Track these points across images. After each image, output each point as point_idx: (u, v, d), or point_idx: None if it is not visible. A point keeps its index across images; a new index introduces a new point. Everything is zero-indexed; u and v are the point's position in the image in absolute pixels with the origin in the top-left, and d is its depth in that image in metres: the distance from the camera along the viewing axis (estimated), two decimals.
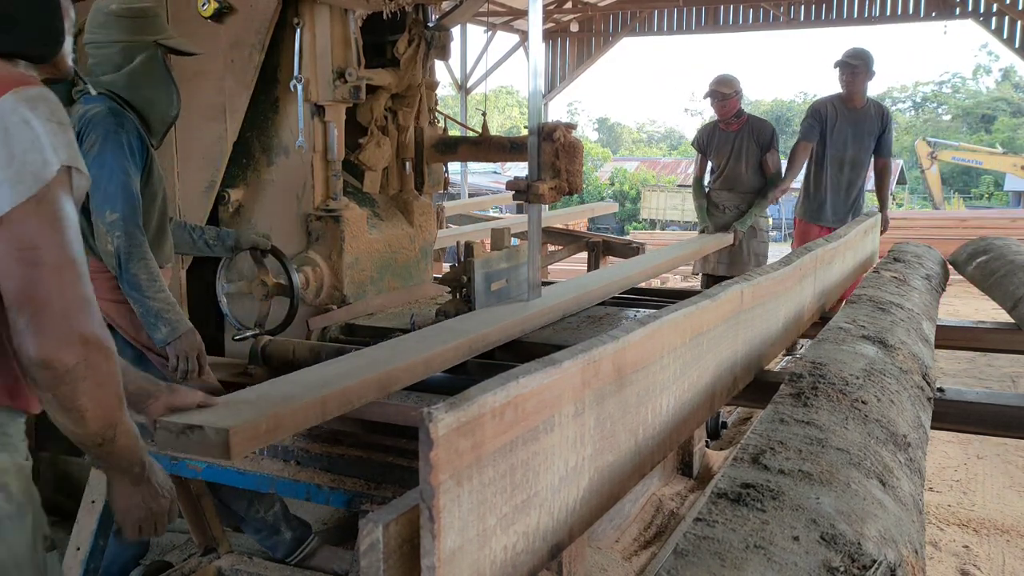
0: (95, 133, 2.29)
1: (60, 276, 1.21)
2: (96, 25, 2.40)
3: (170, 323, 2.26)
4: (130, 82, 2.39)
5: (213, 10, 2.99)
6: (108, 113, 2.32)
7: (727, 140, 5.31)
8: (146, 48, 2.40)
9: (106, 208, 2.26)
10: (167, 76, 2.46)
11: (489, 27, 14.02)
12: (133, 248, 2.25)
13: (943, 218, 15.10)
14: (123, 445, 1.32)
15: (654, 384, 1.44)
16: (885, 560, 1.01)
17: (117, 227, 2.25)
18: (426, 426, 0.88)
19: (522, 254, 3.08)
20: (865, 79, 5.07)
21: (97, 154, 2.27)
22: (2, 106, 1.21)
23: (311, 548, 2.61)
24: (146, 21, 2.41)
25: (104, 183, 2.26)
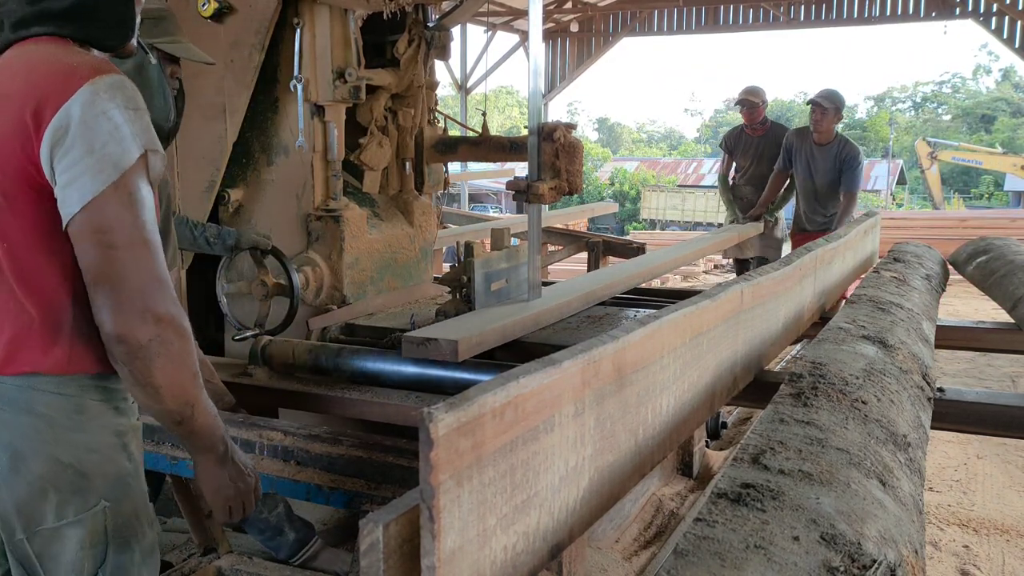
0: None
1: (134, 256, 1.27)
2: None
3: None
4: None
5: (213, 10, 2.99)
6: None
7: (752, 143, 5.94)
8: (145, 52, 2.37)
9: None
10: (161, 82, 2.40)
11: (489, 27, 14.02)
12: None
13: (943, 218, 15.10)
14: (202, 424, 1.37)
15: (654, 384, 1.44)
16: (885, 560, 1.01)
17: None
18: (426, 426, 0.88)
19: (522, 254, 3.08)
20: (832, 120, 5.42)
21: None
22: (81, 98, 1.25)
23: (314, 550, 2.61)
24: (146, 24, 2.33)
25: None
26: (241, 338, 2.85)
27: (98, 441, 1.36)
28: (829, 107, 5.37)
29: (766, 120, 5.97)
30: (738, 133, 6.09)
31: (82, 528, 1.34)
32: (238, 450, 1.49)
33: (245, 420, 2.23)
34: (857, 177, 5.46)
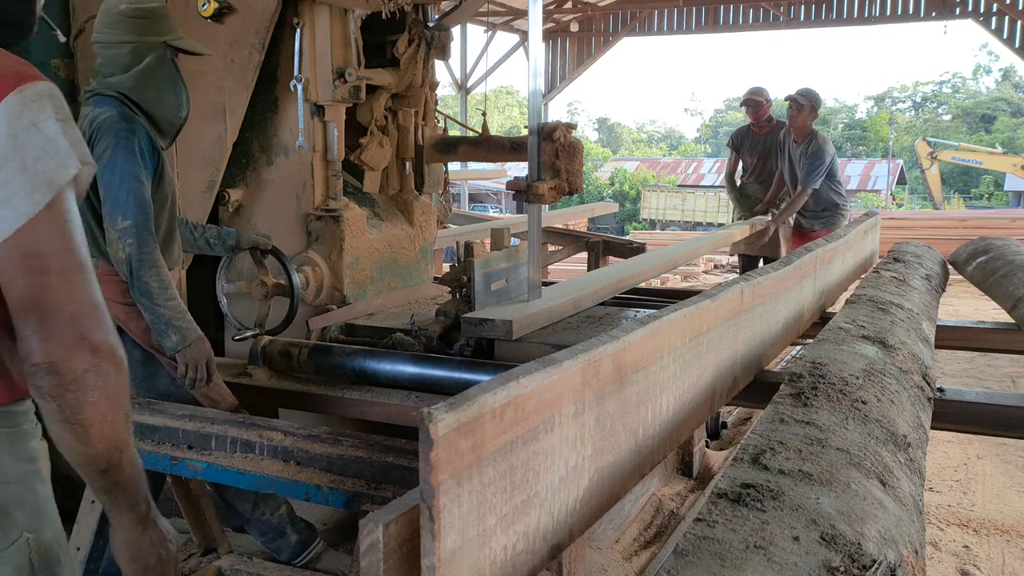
0: (106, 139, 2.26)
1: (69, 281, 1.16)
2: (104, 25, 2.37)
3: (180, 331, 2.25)
4: (138, 83, 2.36)
5: (213, 10, 2.99)
6: (119, 118, 2.29)
7: (759, 141, 6.12)
8: (155, 48, 2.37)
9: (117, 215, 2.24)
10: (176, 77, 2.43)
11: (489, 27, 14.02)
12: (144, 255, 2.24)
13: (943, 218, 15.10)
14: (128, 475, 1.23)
15: (654, 384, 1.44)
16: (885, 560, 1.01)
17: (129, 234, 2.23)
18: (426, 426, 0.88)
19: (522, 254, 3.08)
20: (807, 117, 5.53)
21: (109, 160, 2.25)
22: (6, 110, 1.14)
23: (316, 552, 2.61)
24: (155, 21, 2.38)
25: (115, 190, 2.24)
26: (241, 338, 2.85)
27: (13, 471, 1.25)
28: (805, 104, 5.51)
29: (771, 118, 6.12)
30: (745, 131, 6.29)
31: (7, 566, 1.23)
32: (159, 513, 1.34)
33: (245, 420, 2.23)
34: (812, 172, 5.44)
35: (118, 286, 2.36)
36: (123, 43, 2.35)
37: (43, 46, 3.59)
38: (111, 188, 2.25)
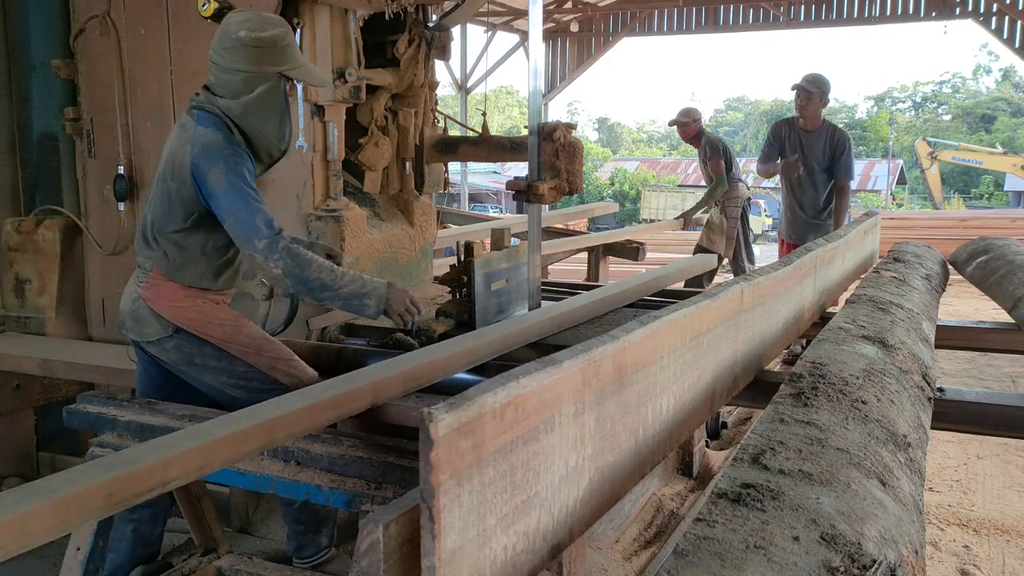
0: (218, 166, 2.25)
1: None
2: (222, 47, 2.34)
3: (371, 294, 2.27)
4: (246, 111, 2.34)
5: (213, 10, 2.99)
6: (225, 142, 2.29)
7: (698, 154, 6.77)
8: (268, 79, 2.35)
9: (253, 238, 2.24)
10: (284, 109, 2.41)
11: (489, 27, 14.02)
12: (297, 258, 2.24)
13: (943, 218, 15.10)
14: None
15: (654, 384, 1.44)
16: (885, 560, 1.01)
17: (272, 249, 2.23)
18: (426, 426, 0.88)
19: (522, 254, 3.08)
20: (819, 104, 5.33)
21: (227, 188, 2.25)
22: None
23: (329, 556, 2.62)
24: (274, 51, 2.34)
25: (243, 215, 2.24)
26: None
27: None
28: (814, 91, 5.28)
29: (699, 133, 6.74)
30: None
31: None
32: None
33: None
34: (850, 164, 5.33)
35: (171, 289, 2.37)
36: (237, 71, 2.33)
37: (43, 46, 3.59)
38: (238, 214, 2.25)
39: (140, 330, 2.42)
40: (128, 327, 2.46)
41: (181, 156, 2.31)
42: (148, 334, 2.41)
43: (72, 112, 3.55)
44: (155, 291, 2.38)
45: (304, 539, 2.57)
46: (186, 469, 1.51)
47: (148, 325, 2.40)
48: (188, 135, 2.32)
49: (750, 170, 30.37)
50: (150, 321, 2.39)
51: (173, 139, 2.40)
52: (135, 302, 2.42)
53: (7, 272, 3.66)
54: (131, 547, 2.46)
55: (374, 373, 2.04)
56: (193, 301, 2.39)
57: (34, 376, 3.42)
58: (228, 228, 2.28)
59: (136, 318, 2.42)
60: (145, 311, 2.40)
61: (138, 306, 2.41)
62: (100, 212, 3.58)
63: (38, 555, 3.09)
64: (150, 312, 2.39)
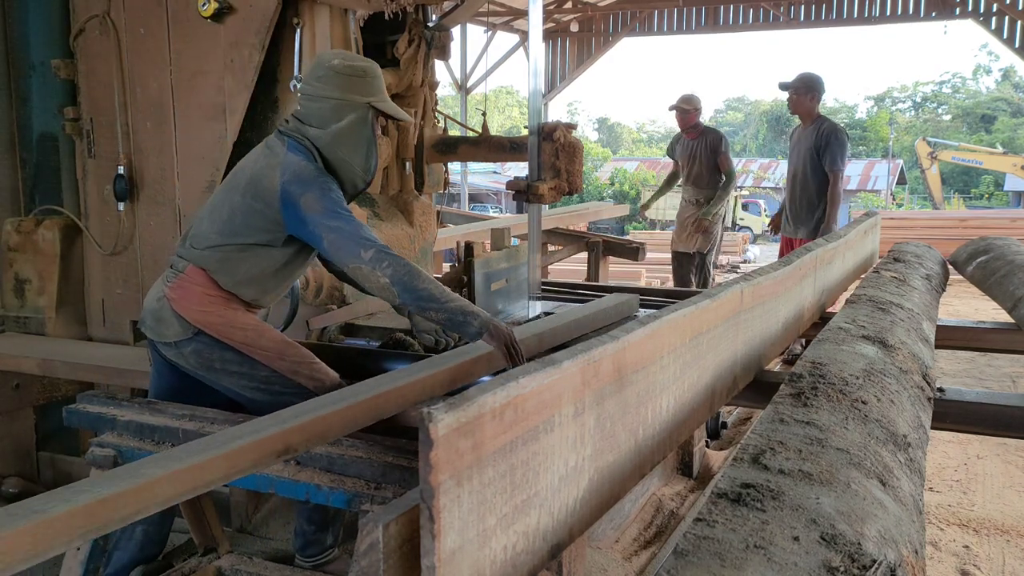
0: (312, 191, 2.27)
1: None
2: (314, 77, 2.37)
3: (477, 315, 2.23)
4: (334, 141, 2.36)
5: (213, 10, 3.00)
6: (316, 171, 2.31)
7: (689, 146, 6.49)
8: (357, 109, 2.36)
9: (358, 251, 2.23)
10: (372, 141, 2.42)
11: (489, 27, 14.03)
12: (406, 269, 2.23)
13: (943, 218, 15.11)
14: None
15: (654, 384, 1.44)
16: (885, 560, 1.01)
17: (379, 260, 2.22)
18: (426, 426, 0.88)
19: (522, 254, 3.08)
20: (805, 101, 5.46)
21: (324, 211, 2.25)
22: None
23: (332, 556, 2.62)
24: (364, 81, 2.37)
25: (346, 230, 2.24)
26: None
27: None
28: (801, 87, 5.46)
29: (698, 125, 6.47)
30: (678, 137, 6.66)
31: None
32: None
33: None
34: (837, 155, 5.30)
35: (199, 293, 2.36)
36: (328, 98, 2.35)
37: (43, 46, 3.59)
38: (341, 231, 2.25)
39: (159, 330, 2.41)
40: (148, 326, 2.45)
41: (269, 179, 2.32)
42: (167, 335, 2.39)
43: (72, 112, 3.55)
44: (181, 292, 2.37)
45: (312, 538, 2.58)
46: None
47: (168, 326, 2.39)
48: (278, 160, 2.34)
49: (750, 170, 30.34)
50: (171, 322, 2.38)
51: (258, 158, 2.41)
52: (159, 301, 2.42)
53: (7, 272, 3.66)
54: (139, 547, 2.46)
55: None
56: (218, 306, 2.38)
57: (34, 376, 3.42)
58: (329, 247, 2.27)
59: (158, 318, 2.41)
60: (168, 311, 2.39)
61: (161, 306, 2.40)
62: (100, 212, 3.58)
63: None
64: (172, 313, 2.38)
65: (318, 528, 2.57)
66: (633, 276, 9.04)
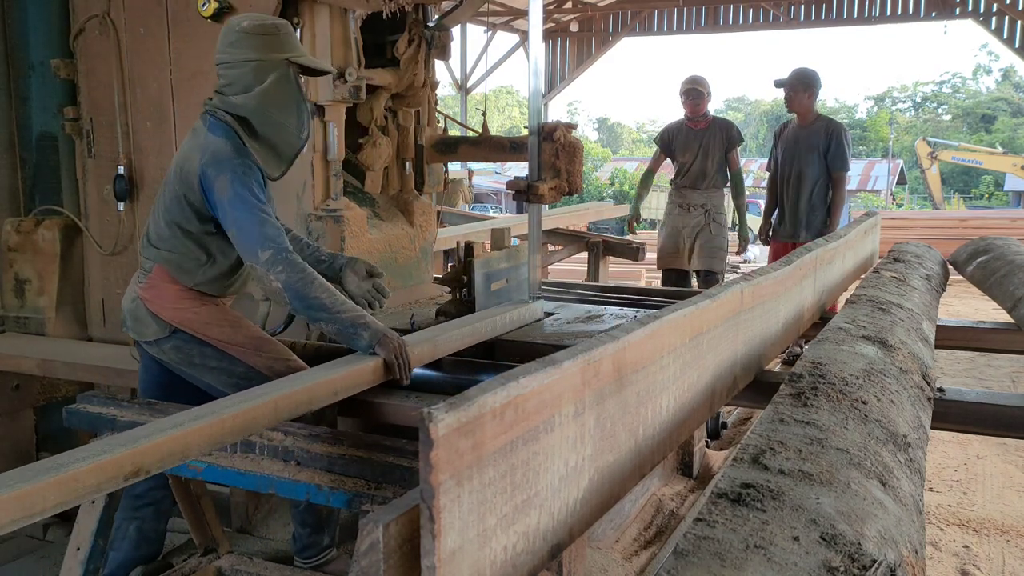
0: (224, 175, 2.24)
1: None
2: (227, 44, 2.33)
3: (368, 327, 2.20)
4: (261, 103, 2.32)
5: (213, 10, 2.99)
6: (234, 152, 2.27)
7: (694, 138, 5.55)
8: (278, 66, 2.32)
9: (256, 248, 2.21)
10: (300, 97, 2.37)
11: (489, 27, 14.02)
12: (301, 275, 2.20)
13: (943, 218, 15.11)
14: None
15: (654, 384, 1.44)
16: (885, 560, 1.01)
17: (275, 262, 2.19)
18: (426, 426, 0.88)
19: (522, 254, 3.08)
20: (803, 98, 5.19)
21: (232, 197, 2.23)
22: None
23: (331, 557, 2.62)
24: (277, 38, 2.33)
25: (247, 224, 2.22)
26: None
27: None
28: (797, 84, 5.19)
29: (707, 114, 5.63)
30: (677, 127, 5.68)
31: None
32: None
33: None
34: (844, 154, 5.12)
35: (170, 291, 2.37)
36: (245, 61, 2.31)
37: (43, 46, 3.59)
38: (242, 224, 2.22)
39: (139, 330, 2.43)
40: (128, 326, 2.46)
41: (191, 162, 2.30)
42: (147, 334, 2.41)
43: (72, 112, 3.55)
44: (154, 292, 2.38)
45: (308, 540, 2.58)
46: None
47: (147, 326, 2.40)
48: (199, 141, 2.32)
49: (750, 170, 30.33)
50: (148, 322, 2.40)
51: (185, 143, 2.40)
52: (134, 302, 2.43)
53: (7, 272, 3.66)
54: (135, 545, 2.46)
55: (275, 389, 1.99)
56: (191, 303, 2.39)
57: (33, 376, 3.42)
58: (232, 238, 2.26)
59: (135, 318, 2.43)
60: (143, 311, 2.40)
61: (137, 306, 2.42)
62: (100, 212, 3.58)
63: (38, 555, 3.09)
64: (148, 312, 2.39)
65: (313, 530, 2.57)
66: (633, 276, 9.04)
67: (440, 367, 2.53)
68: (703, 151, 5.50)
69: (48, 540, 3.18)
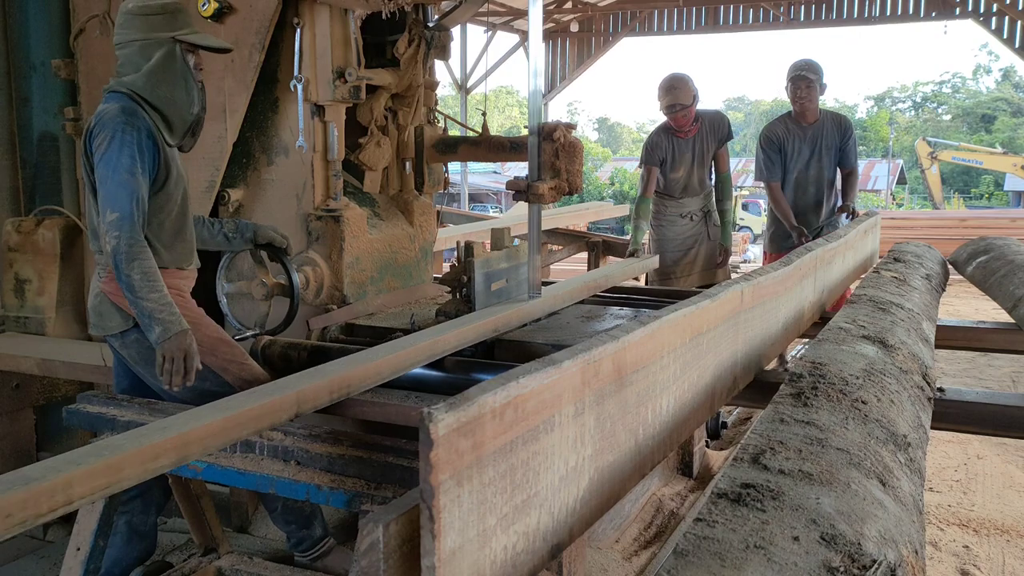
0: (104, 132, 2.27)
1: None
2: (118, 26, 2.40)
3: (163, 323, 2.21)
4: (148, 81, 2.37)
5: (213, 10, 2.99)
6: (119, 112, 2.30)
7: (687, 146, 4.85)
8: (163, 45, 2.38)
9: (107, 207, 2.24)
10: (187, 73, 2.42)
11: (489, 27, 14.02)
12: (130, 249, 2.22)
13: (943, 218, 15.11)
14: None
15: (654, 384, 1.44)
16: (885, 560, 1.01)
17: (116, 227, 2.22)
18: (426, 426, 0.88)
19: (522, 254, 3.07)
20: (818, 93, 4.68)
21: (104, 152, 2.26)
22: None
23: (328, 547, 2.62)
24: (163, 18, 2.38)
25: (108, 183, 2.25)
26: (241, 338, 2.84)
27: None
28: (814, 78, 4.61)
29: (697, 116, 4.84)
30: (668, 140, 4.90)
31: None
32: None
33: None
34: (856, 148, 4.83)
35: None
36: (132, 41, 2.37)
37: (43, 46, 3.59)
38: (104, 181, 2.25)
39: (104, 324, 2.43)
40: (94, 323, 2.47)
41: (85, 135, 2.35)
42: (111, 328, 2.41)
43: (72, 112, 3.55)
44: (114, 284, 2.36)
45: (299, 535, 2.59)
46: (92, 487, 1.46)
47: (110, 318, 2.40)
48: (94, 115, 2.35)
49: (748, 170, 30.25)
50: (112, 314, 2.40)
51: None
52: (97, 296, 2.43)
53: (7, 272, 3.65)
54: (126, 540, 2.46)
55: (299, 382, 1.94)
56: None
57: (33, 376, 3.42)
58: (97, 191, 2.28)
59: (99, 313, 2.43)
60: (107, 304, 2.40)
61: (101, 300, 2.42)
62: None
63: (38, 555, 3.09)
64: (111, 305, 2.39)
65: (299, 526, 2.57)
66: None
67: (440, 367, 2.53)
68: (698, 160, 4.87)
69: (48, 540, 3.19)
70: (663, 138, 4.89)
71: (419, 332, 2.55)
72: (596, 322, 3.08)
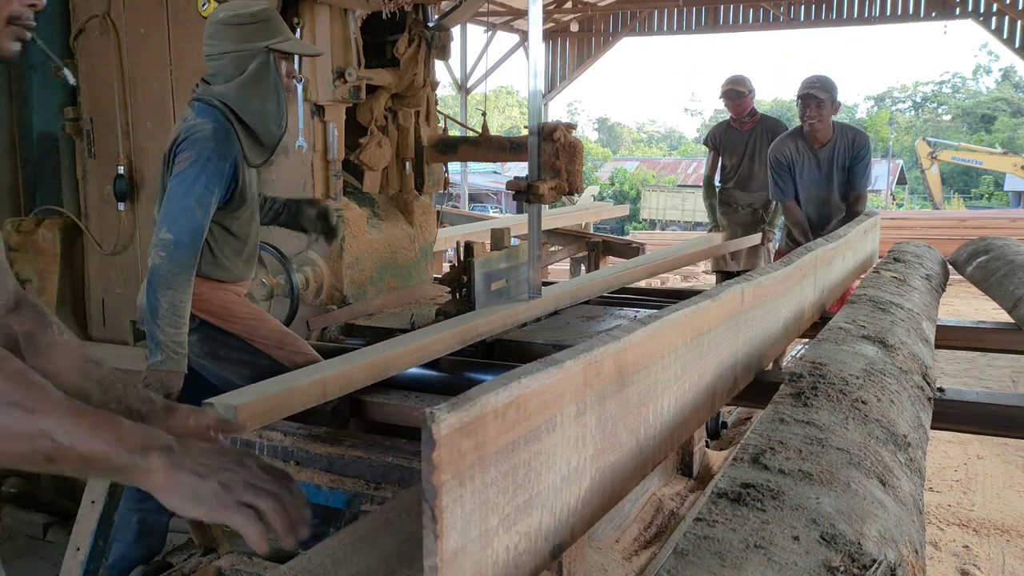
0: (191, 151, 2.24)
1: None
2: (208, 36, 2.35)
3: (166, 356, 2.19)
4: (240, 93, 2.32)
5: (213, 10, 2.99)
6: (212, 136, 2.26)
7: (740, 139, 5.37)
8: (257, 55, 2.32)
9: (165, 225, 2.21)
10: (277, 84, 2.37)
11: (489, 27, 14.02)
12: (170, 275, 2.19)
13: (943, 218, 15.12)
14: (83, 450, 0.95)
15: (655, 384, 1.44)
16: (885, 560, 1.01)
17: (165, 247, 2.19)
18: (428, 426, 0.88)
19: (522, 254, 3.08)
20: (831, 111, 4.38)
21: (184, 171, 2.23)
22: None
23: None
24: (256, 27, 2.32)
25: (175, 202, 2.22)
26: None
27: None
28: (825, 97, 4.30)
29: (755, 112, 5.40)
30: (724, 128, 5.55)
31: None
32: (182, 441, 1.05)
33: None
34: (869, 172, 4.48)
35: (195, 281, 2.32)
36: (223, 54, 2.32)
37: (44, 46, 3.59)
38: (172, 198, 2.22)
39: None
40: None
41: (172, 144, 2.32)
42: None
43: (72, 112, 3.55)
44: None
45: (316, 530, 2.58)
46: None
47: None
48: (183, 125, 2.33)
49: None
50: None
51: (172, 131, 2.41)
52: None
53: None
54: (136, 538, 2.46)
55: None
56: (215, 294, 2.39)
57: None
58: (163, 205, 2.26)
59: None
60: None
61: None
62: (100, 212, 3.58)
63: (38, 555, 3.09)
64: None
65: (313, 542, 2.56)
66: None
67: (439, 367, 2.53)
68: (749, 153, 5.23)
69: (48, 540, 3.18)
70: (723, 126, 5.62)
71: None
72: (596, 322, 3.08)
